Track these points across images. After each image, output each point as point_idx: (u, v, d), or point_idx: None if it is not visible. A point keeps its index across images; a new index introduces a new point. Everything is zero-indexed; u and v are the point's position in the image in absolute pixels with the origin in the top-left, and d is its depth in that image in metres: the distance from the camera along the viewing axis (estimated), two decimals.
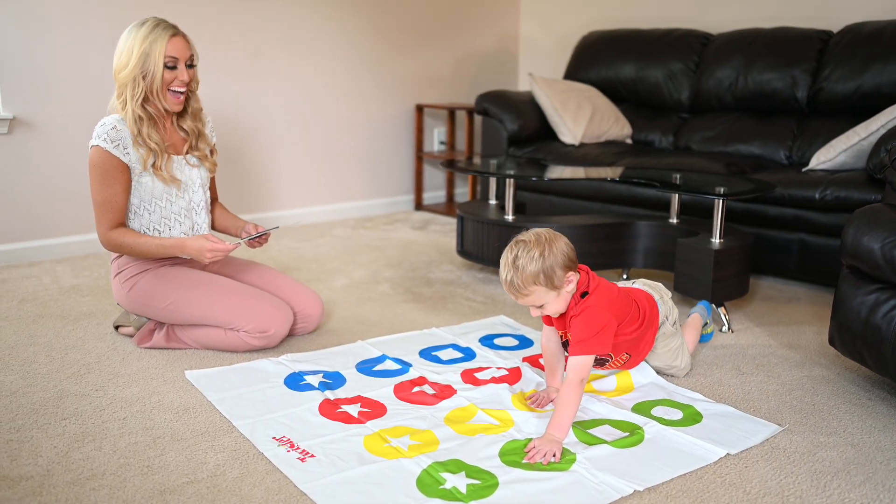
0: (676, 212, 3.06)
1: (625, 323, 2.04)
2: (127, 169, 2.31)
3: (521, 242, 1.90)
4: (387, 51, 4.55)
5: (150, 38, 2.26)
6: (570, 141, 3.98)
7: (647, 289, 2.22)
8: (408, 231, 4.22)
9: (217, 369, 2.28)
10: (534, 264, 1.86)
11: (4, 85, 3.30)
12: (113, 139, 2.28)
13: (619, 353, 2.11)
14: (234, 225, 2.59)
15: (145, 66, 2.27)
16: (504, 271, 1.90)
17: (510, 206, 3.16)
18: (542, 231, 1.92)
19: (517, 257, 1.88)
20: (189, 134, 2.44)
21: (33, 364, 2.31)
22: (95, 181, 2.29)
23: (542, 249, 1.87)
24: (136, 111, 2.29)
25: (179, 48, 2.30)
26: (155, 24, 2.28)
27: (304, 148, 4.31)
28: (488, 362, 2.36)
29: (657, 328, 2.16)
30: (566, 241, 1.92)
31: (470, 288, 3.16)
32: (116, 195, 2.31)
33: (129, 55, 2.27)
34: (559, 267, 1.88)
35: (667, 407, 2.07)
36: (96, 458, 1.77)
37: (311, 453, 1.79)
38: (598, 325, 1.90)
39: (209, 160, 2.50)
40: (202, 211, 2.48)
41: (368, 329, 2.66)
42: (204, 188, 2.49)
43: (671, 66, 4.11)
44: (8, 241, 3.40)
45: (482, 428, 1.93)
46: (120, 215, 2.33)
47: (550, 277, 1.87)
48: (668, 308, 2.22)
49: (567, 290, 1.92)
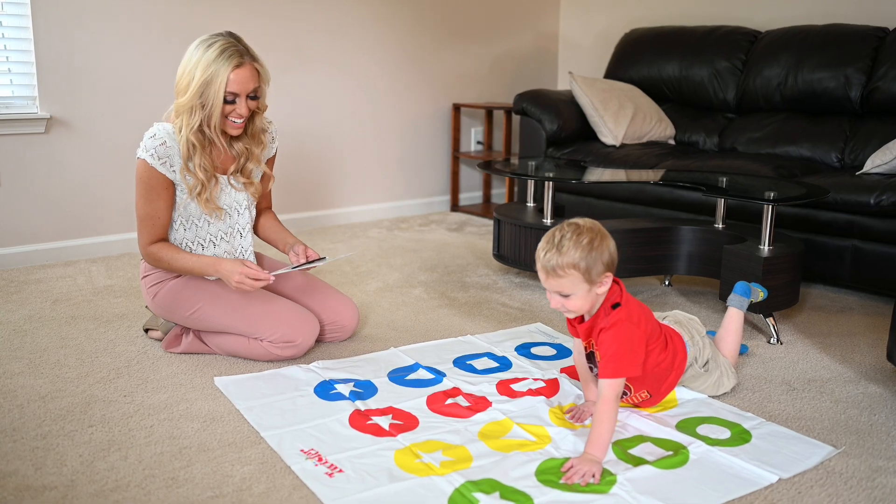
0: (722, 216, 2.94)
1: (652, 349, 1.93)
2: (172, 185, 2.24)
3: (574, 225, 1.80)
4: (423, 49, 4.48)
5: (214, 67, 2.10)
6: (610, 142, 3.88)
7: (678, 327, 2.09)
8: (443, 232, 4.15)
9: (246, 376, 2.22)
10: (580, 250, 1.76)
11: (42, 85, 3.29)
12: (160, 156, 2.19)
13: (640, 387, 2.00)
14: (283, 240, 2.44)
15: (204, 96, 2.12)
16: (545, 249, 1.80)
17: (548, 209, 3.07)
18: (595, 223, 1.83)
19: (565, 238, 1.78)
20: (238, 155, 2.32)
21: (63, 367, 2.28)
22: (140, 194, 2.23)
23: (592, 238, 1.78)
24: (190, 139, 2.17)
25: (242, 80, 2.14)
26: (222, 48, 2.11)
27: (339, 148, 4.26)
28: (525, 373, 2.28)
29: (682, 372, 2.05)
30: (614, 244, 1.83)
31: (506, 293, 3.08)
32: (159, 211, 2.24)
33: (190, 80, 2.12)
34: (602, 263, 1.79)
35: (713, 425, 1.96)
36: (121, 469, 1.73)
37: (340, 468, 1.73)
38: (628, 341, 1.81)
39: (253, 185, 2.36)
40: (247, 234, 2.38)
41: (401, 335, 2.59)
42: (250, 209, 2.39)
43: (717, 65, 3.98)
44: (44, 240, 3.40)
45: (518, 444, 1.85)
46: (161, 231, 2.27)
47: (590, 269, 1.78)
48: (697, 349, 2.09)
49: (598, 291, 1.82)
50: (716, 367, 2.12)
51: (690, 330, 2.11)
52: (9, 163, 3.26)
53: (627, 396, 2.02)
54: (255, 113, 2.29)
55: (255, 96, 2.21)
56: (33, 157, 3.32)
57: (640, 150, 3.76)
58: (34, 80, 3.27)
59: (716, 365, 2.12)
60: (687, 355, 2.06)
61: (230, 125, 2.22)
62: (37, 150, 3.32)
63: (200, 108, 2.15)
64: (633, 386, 1.99)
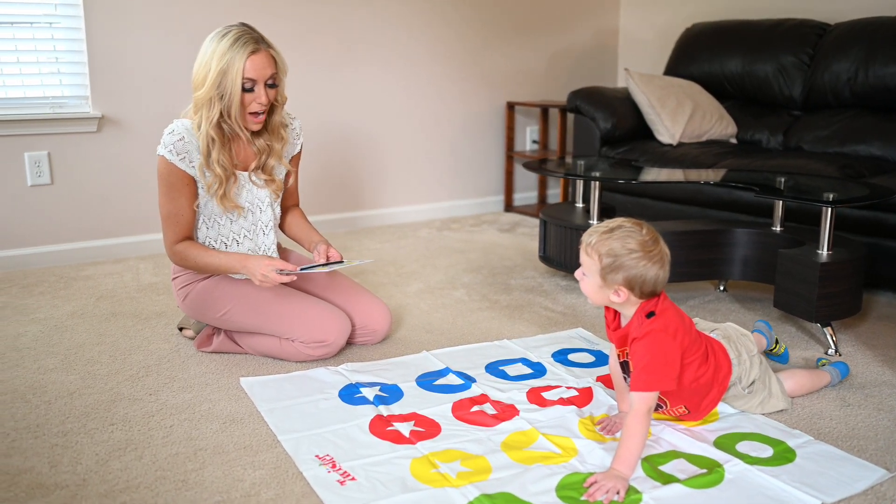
0: (781, 219, 2.78)
1: (690, 363, 1.80)
2: (193, 181, 2.22)
3: (638, 226, 1.71)
4: (477, 46, 4.40)
5: (229, 56, 2.08)
6: (667, 140, 3.73)
7: (726, 342, 1.95)
8: (494, 233, 4.06)
9: (273, 377, 2.19)
10: (614, 247, 1.68)
11: (95, 84, 3.34)
12: (179, 151, 2.17)
13: (677, 402, 1.88)
14: (308, 239, 2.42)
15: (222, 86, 2.10)
16: (602, 224, 1.73)
17: (595, 210, 2.96)
18: (664, 247, 1.72)
19: (621, 228, 1.70)
20: (259, 151, 2.29)
21: (95, 364, 2.29)
22: (162, 192, 2.22)
23: (637, 249, 1.67)
24: (210, 133, 2.14)
25: (259, 67, 2.11)
26: (236, 37, 2.10)
27: (391, 146, 4.22)
28: (559, 380, 2.18)
29: (725, 389, 1.91)
30: (661, 276, 1.71)
31: (550, 296, 2.98)
32: (182, 208, 2.22)
33: (206, 72, 2.10)
34: (624, 276, 1.68)
35: (755, 442, 1.83)
36: (134, 469, 1.71)
37: (353, 476, 1.67)
38: (661, 353, 1.70)
39: (275, 182, 2.33)
40: (270, 231, 2.35)
41: (436, 338, 2.52)
42: (273, 206, 2.36)
43: (782, 60, 3.79)
44: (95, 237, 3.45)
45: (541, 456, 1.76)
46: (186, 229, 2.25)
47: (608, 269, 1.69)
48: (743, 369, 1.94)
49: (611, 297, 1.73)
50: (762, 388, 1.97)
51: (739, 347, 1.96)
52: (61, 161, 3.33)
53: (664, 409, 1.91)
54: (273, 107, 2.25)
55: (273, 84, 2.17)
56: (85, 156, 3.37)
57: (699, 149, 3.61)
58: (86, 79, 3.33)
59: (763, 386, 1.98)
60: (731, 371, 1.92)
61: (250, 119, 2.19)
62: (88, 148, 3.37)
63: (219, 99, 2.12)
64: (668, 400, 1.88)
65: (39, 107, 3.26)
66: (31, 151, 3.26)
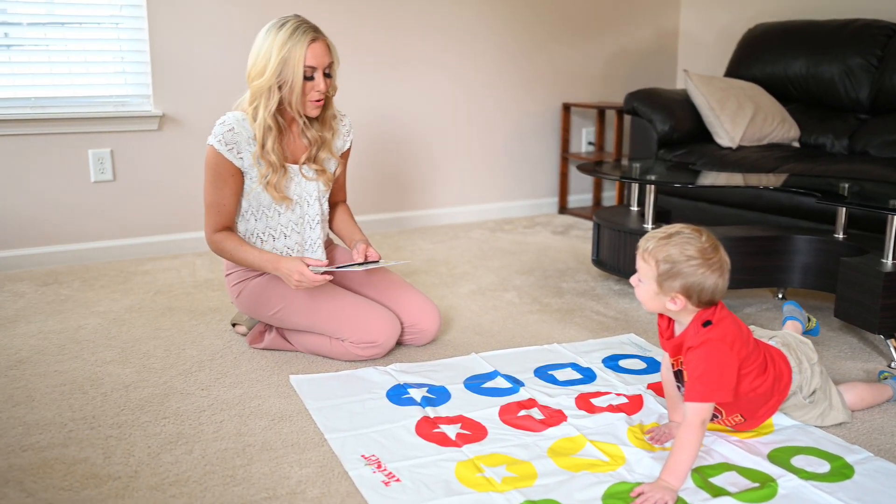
0: (843, 226, 2.69)
1: (748, 373, 1.76)
2: (239, 172, 2.25)
3: (698, 232, 1.67)
4: (533, 46, 4.38)
5: (290, 44, 2.11)
6: (726, 143, 3.65)
7: (786, 350, 1.89)
8: (547, 235, 4.03)
9: (322, 375, 2.21)
10: (672, 253, 1.64)
11: (157, 83, 3.42)
12: (227, 142, 2.20)
13: (733, 411, 1.83)
14: (350, 237, 2.43)
15: (283, 74, 2.14)
16: (660, 230, 1.70)
17: (650, 213, 2.91)
18: (724, 255, 1.67)
19: (680, 234, 1.66)
20: (311, 143, 2.32)
21: (151, 358, 2.34)
22: (207, 181, 2.25)
23: (698, 256, 1.64)
24: (268, 121, 2.18)
25: (318, 55, 2.15)
26: (295, 26, 2.14)
27: (445, 146, 4.22)
28: (608, 387, 2.15)
29: (784, 398, 1.86)
30: (720, 284, 1.66)
31: (602, 301, 2.94)
32: (225, 198, 2.25)
33: (267, 61, 2.13)
34: (682, 284, 1.65)
35: (811, 456, 1.78)
36: (184, 463, 1.74)
37: (398, 477, 1.67)
38: (718, 363, 1.65)
39: (326, 174, 2.36)
40: (317, 225, 2.37)
41: (486, 341, 2.51)
42: (321, 200, 2.38)
43: (849, 61, 3.67)
44: (154, 233, 3.53)
45: (588, 464, 1.73)
46: (227, 219, 2.28)
47: (666, 277, 1.65)
48: (804, 378, 1.88)
49: (667, 305, 1.69)
50: (824, 398, 1.92)
51: (799, 355, 1.90)
52: (124, 158, 3.41)
53: (719, 419, 1.86)
54: (327, 98, 2.27)
55: (328, 73, 2.21)
56: (146, 154, 3.45)
57: (759, 152, 3.52)
58: (149, 78, 3.40)
59: (824, 396, 1.92)
60: (791, 381, 1.87)
61: (310, 105, 2.22)
62: (150, 146, 3.45)
63: (278, 88, 2.16)
64: (724, 409, 1.83)
65: (103, 105, 3.35)
66: (95, 149, 3.35)
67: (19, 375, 2.19)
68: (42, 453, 1.77)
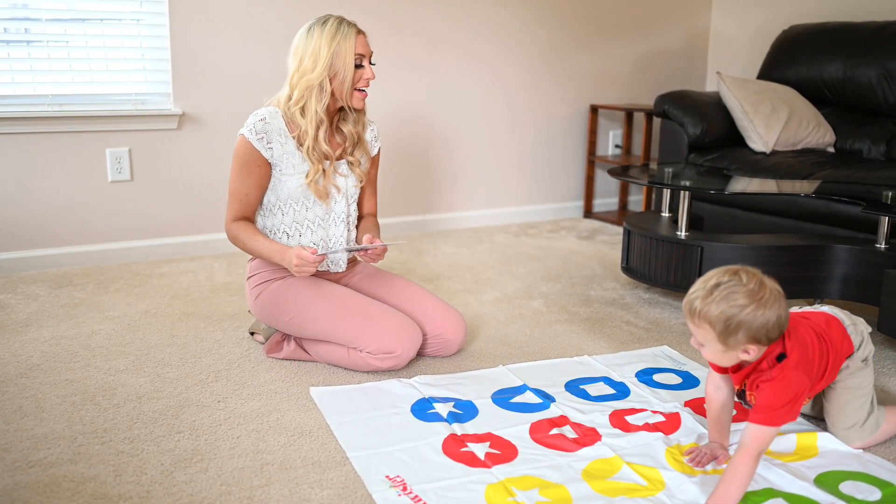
0: (886, 235, 2.57)
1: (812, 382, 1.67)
2: (266, 164, 2.21)
3: (740, 275, 1.55)
4: (560, 47, 4.27)
5: (339, 37, 2.17)
6: (760, 148, 3.53)
7: (834, 312, 1.81)
8: (573, 240, 3.93)
9: (344, 387, 2.12)
10: (723, 309, 1.52)
11: (177, 81, 3.34)
12: (258, 131, 2.19)
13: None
14: (363, 232, 2.39)
15: (335, 66, 2.17)
16: (696, 287, 1.58)
17: (683, 220, 2.80)
18: (771, 284, 1.57)
19: (720, 286, 1.54)
20: (346, 139, 2.31)
21: (166, 367, 2.26)
22: (234, 169, 2.24)
23: (750, 301, 1.52)
24: (321, 114, 2.20)
25: (365, 45, 2.23)
26: (338, 22, 2.19)
27: (468, 147, 4.12)
28: (643, 403, 2.05)
29: (842, 363, 1.77)
30: (782, 315, 1.56)
31: (632, 310, 2.83)
32: (248, 188, 2.23)
33: (317, 56, 2.16)
34: (747, 334, 1.54)
35: (860, 482, 1.67)
36: (199, 482, 1.65)
37: (424, 500, 1.58)
38: (792, 392, 1.57)
39: (359, 167, 2.34)
40: (341, 223, 2.32)
41: (513, 351, 2.42)
42: (349, 199, 2.33)
43: (887, 65, 3.54)
44: (172, 234, 3.46)
45: (625, 488, 1.64)
46: (247, 209, 2.26)
47: (728, 334, 1.54)
48: (860, 338, 1.80)
49: (740, 356, 1.59)
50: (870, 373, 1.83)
51: (853, 317, 1.83)
52: (142, 158, 3.34)
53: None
54: None
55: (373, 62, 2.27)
56: (165, 153, 3.38)
57: (794, 157, 3.40)
58: (169, 76, 3.33)
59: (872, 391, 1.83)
60: (851, 345, 1.77)
61: (356, 97, 2.23)
62: (169, 145, 3.38)
63: (330, 80, 2.19)
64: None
65: (122, 103, 3.28)
66: (113, 148, 3.28)
67: (29, 384, 2.12)
68: (49, 470, 1.68)
